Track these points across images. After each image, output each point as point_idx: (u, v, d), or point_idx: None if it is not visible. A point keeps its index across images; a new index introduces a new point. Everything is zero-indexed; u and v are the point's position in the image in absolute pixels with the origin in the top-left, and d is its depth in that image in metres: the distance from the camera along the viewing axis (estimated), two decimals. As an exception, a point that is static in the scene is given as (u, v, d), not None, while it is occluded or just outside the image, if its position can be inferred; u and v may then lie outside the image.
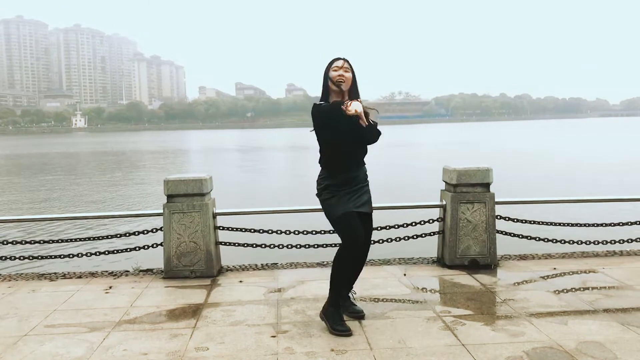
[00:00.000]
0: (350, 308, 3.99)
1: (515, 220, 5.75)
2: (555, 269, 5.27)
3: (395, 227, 5.61)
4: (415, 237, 5.69)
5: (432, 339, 3.57)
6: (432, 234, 5.68)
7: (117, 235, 6.07)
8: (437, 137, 67.37)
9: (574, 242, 5.82)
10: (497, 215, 5.49)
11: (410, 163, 30.46)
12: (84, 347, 3.58)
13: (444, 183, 5.61)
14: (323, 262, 5.58)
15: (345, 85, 3.67)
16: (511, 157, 30.92)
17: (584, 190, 16.97)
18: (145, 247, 5.58)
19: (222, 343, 3.59)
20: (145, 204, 16.90)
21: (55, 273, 5.54)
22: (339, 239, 3.79)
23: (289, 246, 5.58)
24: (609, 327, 3.73)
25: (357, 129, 3.52)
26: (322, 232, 5.50)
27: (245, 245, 5.62)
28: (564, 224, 5.95)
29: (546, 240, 5.83)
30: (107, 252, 5.80)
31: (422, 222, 5.66)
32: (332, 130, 3.68)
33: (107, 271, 5.55)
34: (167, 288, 4.91)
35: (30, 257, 5.68)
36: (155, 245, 5.51)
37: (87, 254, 5.70)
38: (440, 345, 3.47)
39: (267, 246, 5.61)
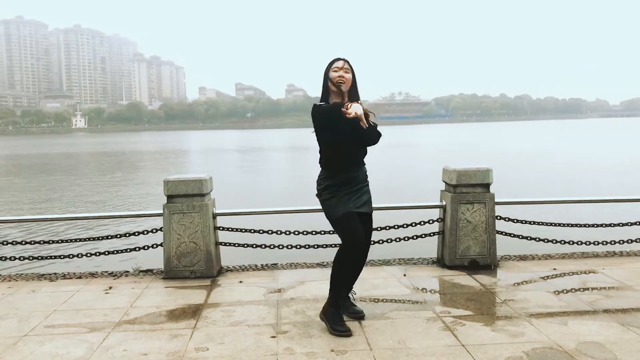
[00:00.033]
0: (350, 308, 3.99)
1: (515, 221, 5.75)
2: (555, 269, 5.27)
3: (395, 227, 5.61)
4: (415, 237, 5.69)
5: (432, 339, 3.57)
6: (432, 234, 5.68)
7: (117, 236, 6.08)
8: (437, 138, 67.40)
9: (573, 243, 5.82)
10: (497, 216, 5.50)
11: (410, 163, 30.47)
12: (83, 347, 3.58)
13: (444, 183, 5.61)
14: (323, 262, 5.58)
15: (345, 86, 3.67)
16: (511, 158, 30.93)
17: (584, 190, 16.97)
18: (145, 247, 5.58)
19: (222, 343, 3.59)
20: (145, 205, 16.91)
21: (55, 273, 5.55)
22: (339, 239, 3.79)
23: (289, 246, 5.58)
24: (608, 327, 3.73)
25: (357, 130, 3.52)
26: (322, 233, 5.50)
27: (245, 245, 5.62)
28: (563, 225, 5.96)
29: (546, 240, 5.83)
30: (107, 253, 5.80)
31: (422, 223, 5.67)
32: (332, 130, 3.68)
33: (107, 271, 5.56)
34: (167, 288, 4.91)
35: (30, 258, 5.69)
36: (155, 246, 5.51)
37: (87, 255, 5.70)
38: (440, 345, 3.47)
39: (267, 246, 5.61)
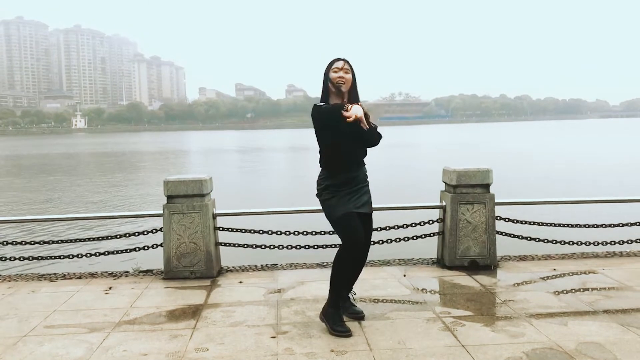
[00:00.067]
0: (350, 309, 3.99)
1: (515, 221, 5.75)
2: (555, 269, 5.27)
3: (395, 227, 5.61)
4: (415, 238, 5.70)
5: (431, 339, 3.57)
6: (432, 234, 5.68)
7: (117, 236, 6.08)
8: (437, 138, 67.40)
9: (573, 243, 5.82)
10: (497, 216, 5.50)
11: (410, 164, 30.47)
12: (83, 347, 3.58)
13: (444, 184, 5.62)
14: (323, 262, 5.58)
15: (345, 86, 3.67)
16: (511, 158, 30.93)
17: (584, 191, 16.97)
18: (145, 247, 5.58)
19: (221, 344, 3.59)
20: (145, 205, 16.90)
21: (55, 274, 5.55)
22: (338, 239, 3.79)
23: (289, 247, 5.58)
24: (608, 328, 3.73)
25: (357, 131, 3.52)
26: (322, 233, 5.50)
27: (245, 246, 5.62)
28: (563, 225, 5.95)
29: (546, 241, 5.83)
30: (107, 253, 5.79)
31: (422, 223, 5.67)
32: (332, 130, 3.68)
33: (107, 272, 5.55)
34: (167, 289, 4.91)
35: (30, 258, 5.68)
36: (155, 246, 5.51)
37: (87, 255, 5.70)
38: (440, 346, 3.47)
39: (267, 247, 5.61)
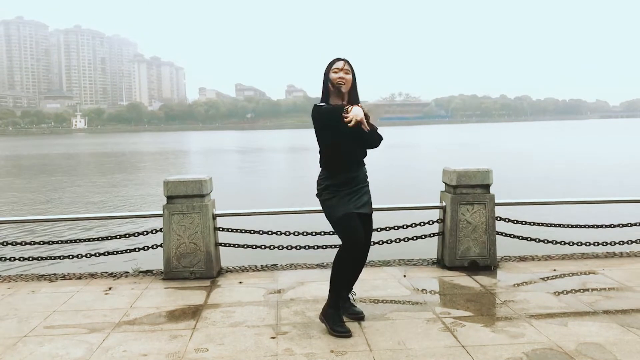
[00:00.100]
0: (350, 309, 3.99)
1: (515, 222, 5.75)
2: (555, 270, 5.27)
3: (395, 228, 5.61)
4: (415, 238, 5.69)
5: (431, 340, 3.57)
6: (432, 235, 5.67)
7: (117, 237, 6.07)
8: (437, 139, 67.41)
9: (573, 244, 5.82)
10: (497, 217, 5.50)
11: (410, 164, 30.47)
12: (83, 348, 3.58)
13: (444, 184, 5.61)
14: (323, 263, 5.58)
15: (345, 87, 3.67)
16: (511, 159, 30.93)
17: (584, 191, 16.97)
18: (145, 248, 5.58)
19: (221, 344, 3.59)
20: (145, 205, 16.90)
21: (55, 274, 5.54)
22: (338, 240, 3.79)
23: (289, 247, 5.57)
24: (608, 328, 3.73)
25: (358, 132, 3.52)
26: (322, 234, 5.50)
27: (245, 246, 5.61)
28: (563, 225, 5.95)
29: (546, 241, 5.82)
30: (107, 253, 5.79)
31: (422, 224, 5.66)
32: (332, 130, 3.67)
33: (106, 272, 5.55)
34: (167, 289, 4.91)
35: (30, 258, 5.68)
36: (155, 247, 5.51)
37: (87, 255, 5.69)
38: (440, 346, 3.47)
39: (266, 247, 5.61)
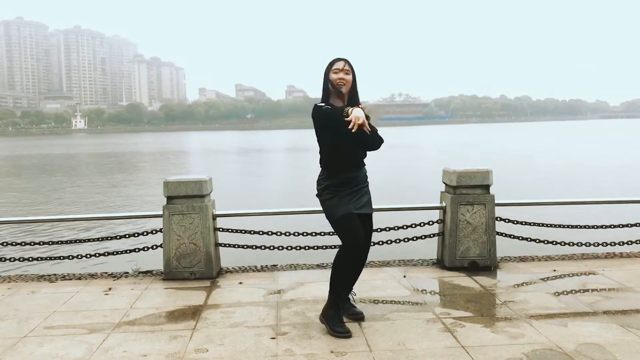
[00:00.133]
0: (349, 310, 3.98)
1: (515, 222, 5.75)
2: (555, 270, 5.27)
3: (395, 228, 5.61)
4: (415, 238, 5.69)
5: (431, 340, 3.57)
6: (431, 235, 5.67)
7: (116, 237, 6.07)
8: (437, 139, 67.41)
9: (573, 244, 5.82)
10: (497, 217, 5.50)
11: (410, 164, 30.48)
12: (83, 348, 3.58)
13: (444, 185, 5.61)
14: (323, 263, 5.58)
15: (345, 88, 3.68)
16: (511, 159, 30.94)
17: (584, 192, 16.97)
18: (145, 248, 5.58)
19: (221, 345, 3.59)
20: (145, 206, 16.90)
21: (54, 274, 5.54)
22: (338, 240, 3.79)
23: (289, 248, 5.57)
24: (608, 329, 3.73)
25: (358, 132, 3.52)
26: (322, 234, 5.50)
27: (245, 246, 5.61)
28: (563, 226, 5.95)
29: (546, 242, 5.82)
30: (106, 254, 5.79)
31: (422, 224, 5.66)
32: (332, 130, 3.68)
33: (106, 273, 5.55)
34: (167, 289, 4.91)
35: (30, 259, 5.68)
36: (155, 247, 5.51)
37: (87, 256, 5.69)
38: (439, 347, 3.47)
39: (266, 248, 5.61)
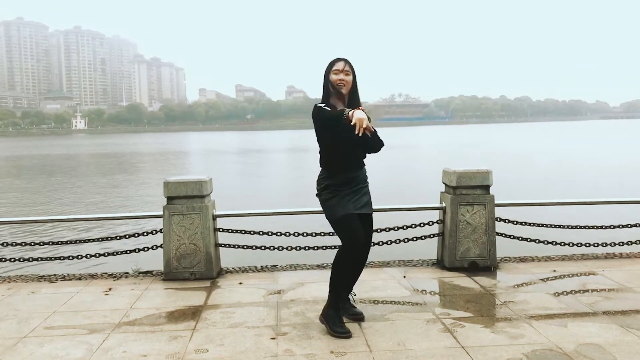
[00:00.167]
0: (349, 310, 3.99)
1: (515, 223, 5.75)
2: (555, 271, 5.27)
3: (395, 229, 5.61)
4: (415, 239, 5.69)
5: (431, 341, 3.57)
6: (431, 236, 5.67)
7: (116, 237, 6.07)
8: (437, 139, 67.41)
9: (573, 245, 5.82)
10: (497, 218, 5.50)
11: (410, 165, 30.48)
12: (83, 349, 3.58)
13: (444, 185, 5.61)
14: (323, 264, 5.58)
15: (345, 89, 3.69)
16: (511, 159, 30.95)
17: (584, 192, 16.97)
18: (145, 248, 5.58)
19: (221, 345, 3.59)
20: (145, 206, 16.90)
21: (54, 275, 5.54)
22: (338, 240, 3.79)
23: (289, 248, 5.58)
24: (608, 329, 3.73)
25: (362, 137, 3.54)
26: (322, 234, 5.50)
27: (245, 247, 5.61)
28: (563, 226, 5.95)
29: (546, 242, 5.82)
30: (107, 254, 5.79)
31: (422, 224, 5.66)
32: (332, 131, 3.68)
33: (106, 273, 5.55)
34: (167, 290, 4.91)
35: (30, 259, 5.68)
36: (155, 247, 5.51)
37: (87, 256, 5.69)
38: (439, 347, 3.47)
39: (266, 248, 5.61)
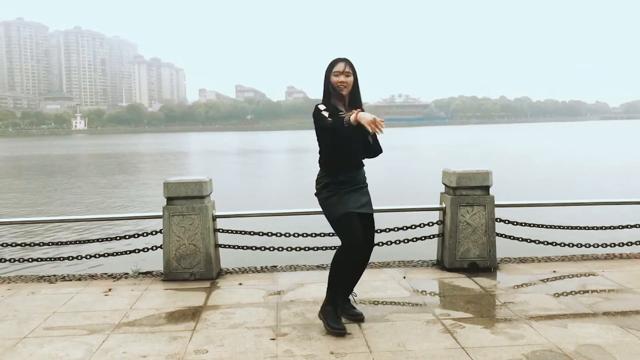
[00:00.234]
0: (349, 311, 3.98)
1: (515, 223, 5.75)
2: (555, 272, 5.26)
3: (395, 229, 5.61)
4: (414, 239, 5.69)
5: (431, 342, 3.57)
6: (431, 236, 5.67)
7: (116, 238, 6.06)
8: (437, 140, 67.40)
9: (573, 245, 5.82)
10: (497, 218, 5.50)
11: (410, 165, 30.47)
12: (83, 349, 3.58)
13: (444, 186, 5.61)
14: (323, 264, 5.58)
15: (346, 90, 3.69)
16: (511, 160, 30.95)
17: (584, 193, 16.97)
18: (145, 249, 5.58)
19: (221, 346, 3.59)
20: (145, 207, 16.90)
21: (54, 275, 5.54)
22: (339, 241, 3.79)
23: (289, 249, 5.57)
24: (608, 330, 3.73)
25: (358, 135, 3.55)
26: (322, 235, 5.49)
27: (245, 247, 5.61)
28: (563, 227, 5.94)
29: (546, 243, 5.82)
30: (106, 255, 5.78)
31: (422, 225, 5.66)
32: (332, 132, 3.68)
33: (106, 273, 5.55)
34: (167, 290, 4.91)
35: (30, 260, 5.68)
36: (155, 248, 5.51)
37: (87, 257, 5.69)
38: (439, 348, 3.47)
39: (266, 249, 5.61)
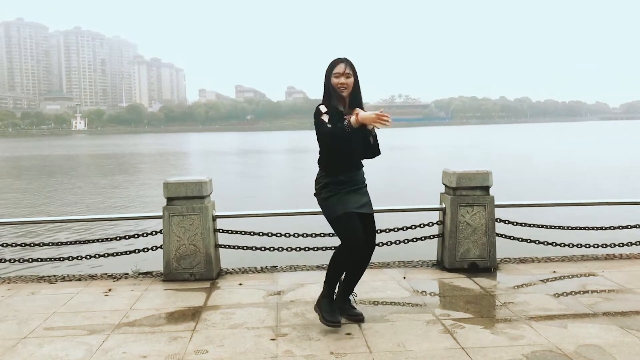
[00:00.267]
0: (350, 311, 3.98)
1: (515, 224, 5.75)
2: (554, 272, 5.26)
3: (395, 230, 5.61)
4: (414, 240, 5.69)
5: (431, 342, 3.57)
6: (431, 237, 5.67)
7: (116, 238, 6.06)
8: (436, 140, 67.41)
9: (573, 246, 5.82)
10: (497, 219, 5.50)
11: (410, 166, 30.48)
12: (83, 349, 3.58)
13: (444, 186, 5.61)
14: (323, 265, 5.57)
15: (346, 92, 3.70)
16: (511, 160, 30.95)
17: (584, 193, 16.97)
18: (145, 249, 5.58)
19: (221, 346, 3.59)
20: (145, 207, 16.90)
21: (54, 275, 5.54)
22: (339, 241, 3.79)
23: (289, 249, 5.57)
24: (608, 330, 3.73)
25: (358, 136, 3.55)
26: (322, 235, 5.49)
27: (245, 248, 5.61)
28: (563, 227, 5.94)
29: (546, 243, 5.82)
30: (106, 255, 5.78)
31: (422, 225, 5.66)
32: (332, 137, 3.68)
33: (106, 274, 5.55)
34: (167, 291, 4.91)
35: (30, 260, 5.69)
36: (155, 248, 5.51)
37: (87, 257, 5.69)
38: (439, 348, 3.47)
39: (266, 249, 5.61)
